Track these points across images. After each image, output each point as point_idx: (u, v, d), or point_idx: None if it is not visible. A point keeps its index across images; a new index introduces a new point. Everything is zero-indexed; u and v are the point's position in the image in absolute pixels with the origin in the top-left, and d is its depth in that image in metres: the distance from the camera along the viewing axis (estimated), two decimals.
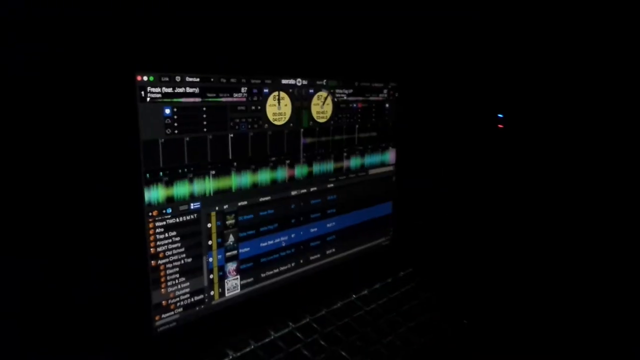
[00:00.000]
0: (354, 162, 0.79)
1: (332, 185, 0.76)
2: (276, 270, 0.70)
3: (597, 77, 0.79)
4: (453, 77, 0.92)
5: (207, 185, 0.59)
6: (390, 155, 0.86)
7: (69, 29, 0.46)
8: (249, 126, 0.62)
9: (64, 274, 0.52)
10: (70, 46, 0.46)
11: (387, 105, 0.83)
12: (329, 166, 0.74)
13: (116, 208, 0.52)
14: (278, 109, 0.65)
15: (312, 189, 0.72)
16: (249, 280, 0.66)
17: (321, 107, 0.71)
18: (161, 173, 0.54)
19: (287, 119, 0.67)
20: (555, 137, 0.84)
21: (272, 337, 0.63)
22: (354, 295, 0.75)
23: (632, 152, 0.77)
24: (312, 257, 0.75)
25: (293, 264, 0.72)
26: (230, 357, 0.58)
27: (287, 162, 0.68)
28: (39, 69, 0.46)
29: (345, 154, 0.77)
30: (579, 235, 0.81)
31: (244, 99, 0.61)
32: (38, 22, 0.45)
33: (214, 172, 0.59)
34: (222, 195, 0.60)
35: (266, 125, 0.64)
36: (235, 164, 0.61)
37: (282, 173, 0.67)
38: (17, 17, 0.44)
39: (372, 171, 0.83)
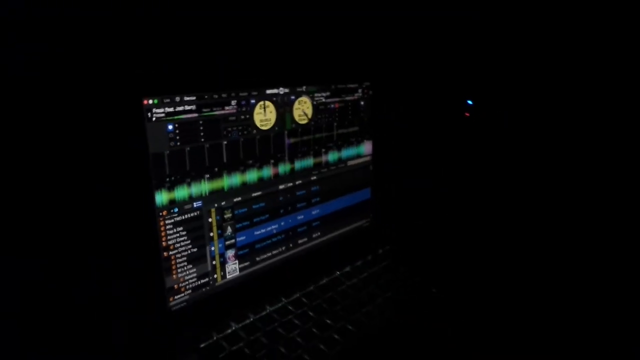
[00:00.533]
0: (334, 156, 0.89)
1: (315, 177, 0.86)
2: (269, 254, 0.81)
3: (567, 71, 0.86)
4: (422, 73, 1.01)
5: (206, 186, 0.69)
6: (366, 147, 0.96)
7: (89, 66, 0.56)
8: (240, 133, 0.72)
9: (90, 269, 0.63)
10: (90, 80, 0.56)
11: (362, 102, 0.93)
12: (311, 161, 0.85)
13: (133, 211, 0.62)
14: (264, 115, 0.75)
15: (297, 182, 0.83)
16: (246, 264, 0.78)
17: (302, 111, 0.81)
18: (168, 179, 0.64)
19: (272, 124, 0.77)
20: (522, 126, 0.94)
21: (268, 310, 0.75)
22: (337, 272, 0.87)
23: (623, 148, 0.83)
24: (300, 241, 0.86)
25: (284, 248, 0.83)
26: (233, 328, 0.70)
27: (273, 161, 0.78)
28: (70, 101, 0.56)
29: (325, 150, 0.87)
30: (558, 217, 0.91)
31: (235, 110, 0.70)
32: (67, 61, 0.55)
33: (211, 175, 0.69)
34: (219, 193, 0.71)
35: (254, 130, 0.74)
36: (229, 166, 0.71)
37: (269, 171, 0.78)
38: (47, 60, 0.54)
39: (350, 162, 0.93)
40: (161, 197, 0.64)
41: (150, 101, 0.60)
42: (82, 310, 0.63)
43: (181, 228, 0.67)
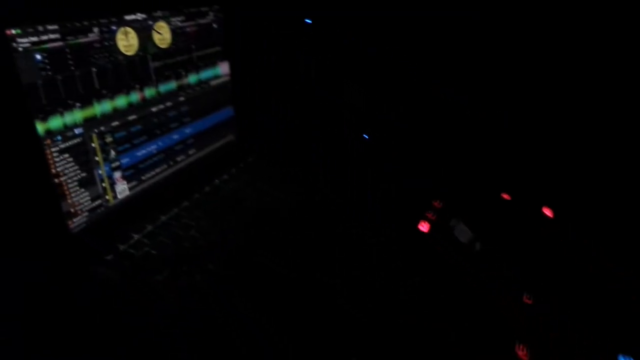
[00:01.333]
0: (196, 77, 0.97)
1: (183, 98, 0.94)
2: (153, 173, 0.89)
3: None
4: None
5: (82, 113, 0.73)
6: (224, 68, 1.05)
7: None
8: (106, 59, 0.75)
9: None
10: None
11: (214, 25, 1.00)
12: (175, 84, 0.92)
13: (17, 143, 0.64)
14: (127, 41, 0.79)
15: (167, 104, 0.90)
16: (134, 183, 0.85)
17: (162, 36, 0.86)
18: (45, 108, 0.66)
19: (135, 49, 0.81)
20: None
21: (163, 219, 0.84)
22: (217, 180, 0.99)
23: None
24: (178, 159, 0.95)
25: (165, 166, 0.92)
26: (135, 238, 0.79)
27: (139, 85, 0.83)
28: None
29: (187, 72, 0.94)
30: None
31: (98, 37, 0.73)
32: None
33: (85, 101, 0.73)
34: (96, 119, 0.75)
35: (120, 56, 0.78)
36: (102, 92, 0.75)
37: (137, 95, 0.83)
38: None
39: (213, 82, 1.02)
40: (42, 127, 0.66)
41: (14, 31, 0.61)
42: None
43: (67, 155, 0.71)
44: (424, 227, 0.84)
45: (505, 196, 0.97)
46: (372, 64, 1.14)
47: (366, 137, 1.16)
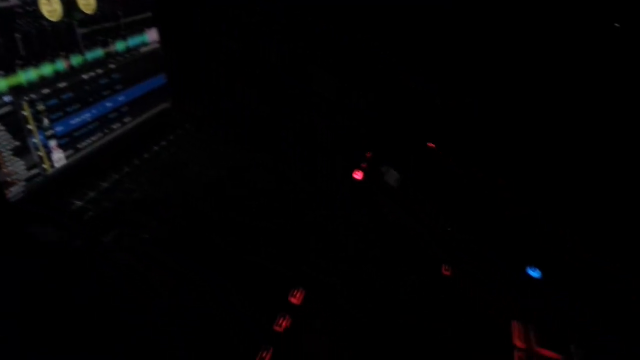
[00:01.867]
0: (124, 44, 0.96)
1: (113, 65, 0.93)
2: (89, 141, 0.88)
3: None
4: None
5: (9, 81, 0.71)
6: (151, 35, 1.05)
7: None
8: (30, 25, 0.74)
9: None
10: None
11: None
12: (104, 51, 0.91)
13: None
14: (49, 6, 0.77)
15: (98, 71, 0.89)
16: (71, 151, 0.84)
17: (86, 1, 0.85)
18: None
19: (60, 14, 0.79)
20: None
21: (104, 185, 0.85)
22: (155, 147, 1.00)
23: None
24: (114, 126, 0.95)
25: (101, 134, 0.91)
26: (78, 204, 0.79)
27: (67, 52, 0.82)
28: None
29: (114, 39, 0.93)
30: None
31: (19, 2, 0.71)
32: None
33: (10, 69, 0.71)
34: (25, 87, 0.74)
35: (45, 22, 0.76)
36: (27, 59, 0.74)
37: (67, 62, 0.82)
38: None
39: (143, 49, 1.02)
40: None
41: None
42: None
43: None
44: (358, 175, 0.91)
45: (430, 145, 1.07)
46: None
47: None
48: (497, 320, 0.64)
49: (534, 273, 0.75)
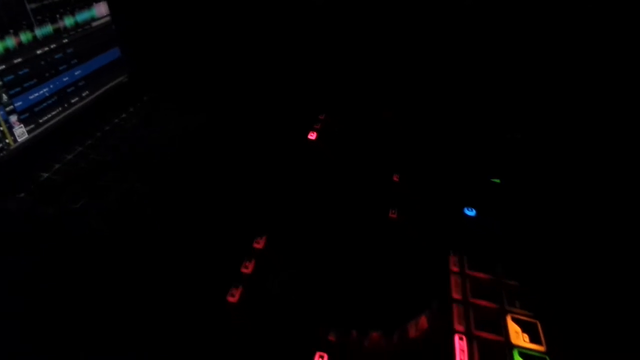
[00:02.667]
0: (73, 19, 0.97)
1: (67, 40, 0.95)
2: (50, 115, 0.91)
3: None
4: None
5: None
6: (101, 9, 1.06)
7: None
8: None
9: None
10: None
11: None
12: (53, 27, 0.92)
13: None
14: None
15: (52, 46, 0.91)
16: (32, 126, 0.87)
17: None
18: None
19: None
20: None
21: (68, 157, 0.88)
22: (115, 120, 1.03)
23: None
24: (73, 100, 0.97)
25: (61, 108, 0.94)
26: (44, 176, 0.83)
27: (13, 30, 0.83)
28: None
29: (62, 14, 0.94)
30: None
31: None
32: None
33: None
34: None
35: None
36: None
37: (12, 40, 0.83)
38: None
39: (94, 24, 1.03)
40: None
41: None
42: None
43: None
44: (312, 136, 0.98)
45: (387, 114, 1.15)
46: None
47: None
48: (437, 252, 0.74)
49: (470, 212, 0.85)
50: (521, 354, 0.59)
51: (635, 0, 0.94)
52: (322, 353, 0.57)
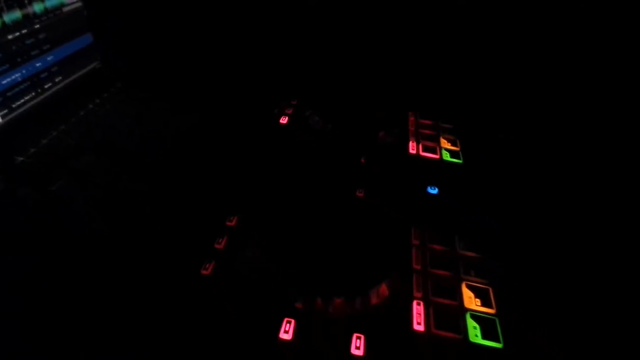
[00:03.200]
0: (42, 5, 0.98)
1: (38, 26, 0.95)
2: (23, 100, 0.92)
3: None
4: None
5: None
6: None
7: None
8: None
9: None
10: None
11: None
12: (21, 12, 0.93)
13: None
14: None
15: (23, 31, 0.91)
16: (5, 111, 0.88)
17: None
18: None
19: None
20: None
21: (44, 142, 0.90)
22: (90, 105, 1.05)
23: None
24: (46, 86, 0.98)
25: (34, 93, 0.95)
26: (19, 160, 0.84)
27: None
28: None
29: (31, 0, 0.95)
30: None
31: None
32: None
33: None
34: None
35: None
36: None
37: None
38: None
39: (65, 9, 1.04)
40: None
41: None
42: None
43: None
44: (284, 120, 1.02)
45: (380, 114, 1.18)
46: None
47: None
48: (401, 227, 0.79)
49: (433, 190, 0.90)
50: (473, 317, 0.65)
51: None
52: (289, 319, 0.61)
